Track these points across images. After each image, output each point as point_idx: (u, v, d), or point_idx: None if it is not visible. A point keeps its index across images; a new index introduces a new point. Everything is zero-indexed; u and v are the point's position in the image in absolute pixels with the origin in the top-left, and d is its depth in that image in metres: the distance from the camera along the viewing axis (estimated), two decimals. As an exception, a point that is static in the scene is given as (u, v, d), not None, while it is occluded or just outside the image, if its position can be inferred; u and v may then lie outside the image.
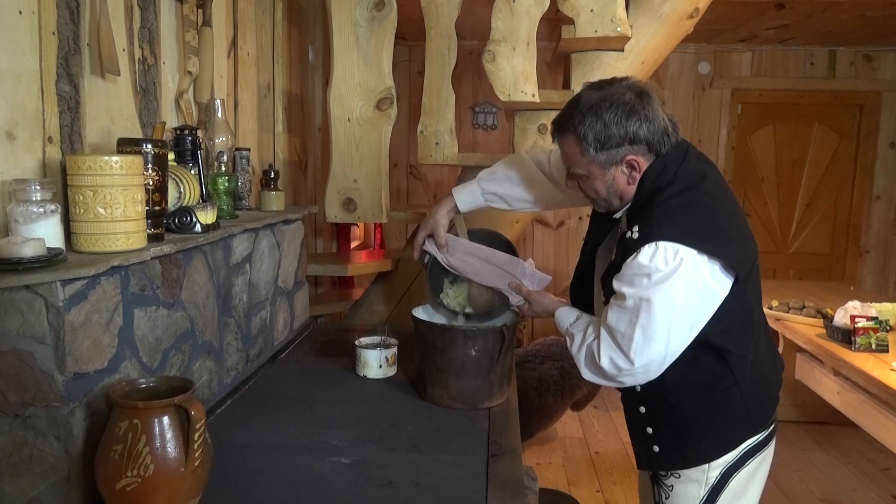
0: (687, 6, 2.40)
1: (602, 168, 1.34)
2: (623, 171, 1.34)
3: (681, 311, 1.25)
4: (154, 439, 1.00)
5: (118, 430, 1.01)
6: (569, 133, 1.35)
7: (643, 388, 1.40)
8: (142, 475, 0.99)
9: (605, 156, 1.32)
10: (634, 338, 1.27)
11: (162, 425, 1.01)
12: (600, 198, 1.40)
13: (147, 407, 1.01)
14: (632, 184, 1.35)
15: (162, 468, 1.00)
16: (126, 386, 1.09)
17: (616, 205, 1.40)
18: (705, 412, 1.37)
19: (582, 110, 1.31)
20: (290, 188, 2.74)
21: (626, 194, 1.37)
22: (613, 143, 1.30)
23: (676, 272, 1.24)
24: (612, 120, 1.29)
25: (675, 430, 1.40)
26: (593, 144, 1.31)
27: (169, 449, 1.01)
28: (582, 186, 1.41)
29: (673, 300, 1.24)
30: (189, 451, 1.02)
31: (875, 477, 3.34)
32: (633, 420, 1.46)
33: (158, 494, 1.01)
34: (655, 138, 1.31)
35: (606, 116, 1.29)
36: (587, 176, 1.37)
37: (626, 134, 1.29)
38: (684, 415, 1.38)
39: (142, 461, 0.99)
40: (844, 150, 4.76)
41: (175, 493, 1.03)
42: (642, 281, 1.26)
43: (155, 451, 1.00)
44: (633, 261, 1.28)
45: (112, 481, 1.00)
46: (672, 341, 1.27)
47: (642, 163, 1.32)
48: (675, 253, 1.24)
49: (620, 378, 1.33)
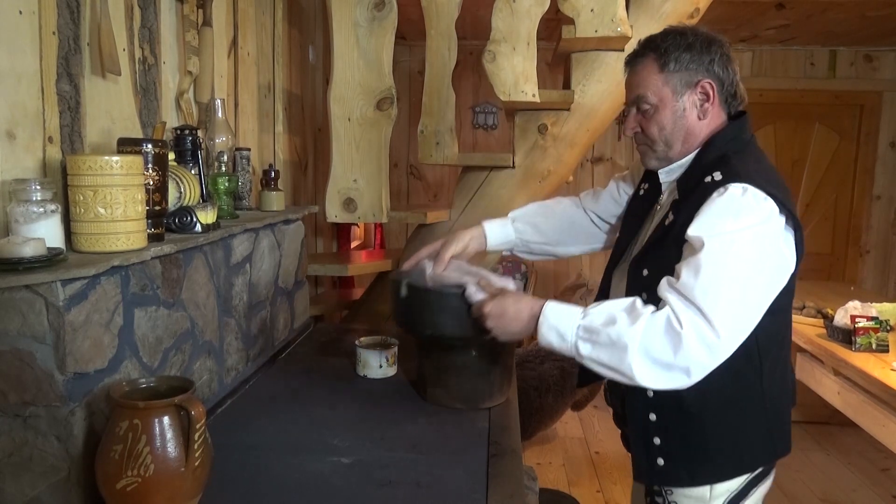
0: (687, 6, 2.40)
1: (675, 93, 1.29)
2: (695, 101, 1.30)
3: (763, 271, 1.14)
4: (154, 439, 1.00)
5: (118, 430, 1.01)
6: (647, 53, 1.31)
7: (657, 393, 1.27)
8: (142, 475, 0.99)
9: (682, 76, 1.28)
10: (721, 293, 1.10)
11: (162, 425, 1.01)
12: (662, 136, 1.32)
13: (147, 407, 1.01)
14: (702, 118, 1.30)
15: (162, 468, 1.00)
16: (126, 386, 1.09)
17: (677, 150, 1.32)
18: (727, 427, 1.27)
19: (665, 32, 1.31)
20: (291, 188, 2.75)
21: (691, 136, 1.31)
22: (693, 63, 1.27)
23: (767, 222, 1.14)
24: (695, 41, 1.28)
25: (688, 444, 1.29)
26: (674, 60, 1.28)
27: (169, 449, 1.01)
28: (645, 126, 1.33)
29: (762, 253, 1.13)
30: (189, 450, 1.02)
31: (875, 477, 3.34)
32: (638, 428, 1.34)
33: (159, 494, 1.01)
34: (727, 82, 1.29)
35: (690, 37, 1.28)
36: (655, 106, 1.30)
37: (706, 59, 1.27)
38: (703, 428, 1.27)
39: (142, 461, 0.99)
40: (845, 150, 4.75)
41: (175, 493, 1.03)
42: (726, 222, 1.14)
43: (155, 450, 1.00)
44: (716, 199, 1.17)
45: (112, 481, 1.00)
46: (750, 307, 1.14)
47: (716, 97, 1.29)
48: (764, 200, 1.15)
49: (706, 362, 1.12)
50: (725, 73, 1.29)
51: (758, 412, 1.28)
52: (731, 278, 1.12)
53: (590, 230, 1.67)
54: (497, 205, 2.52)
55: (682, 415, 1.27)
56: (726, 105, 1.32)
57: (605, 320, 1.16)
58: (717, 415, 1.26)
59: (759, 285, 1.15)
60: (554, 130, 2.46)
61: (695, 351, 1.11)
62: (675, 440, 1.30)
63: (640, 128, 1.35)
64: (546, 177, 2.51)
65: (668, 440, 1.30)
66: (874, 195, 4.73)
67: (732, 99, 1.32)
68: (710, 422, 1.27)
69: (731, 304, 1.12)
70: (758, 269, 1.14)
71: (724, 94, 1.30)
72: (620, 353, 1.14)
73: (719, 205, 1.16)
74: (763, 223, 1.15)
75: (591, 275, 4.83)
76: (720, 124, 1.32)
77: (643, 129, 1.34)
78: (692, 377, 1.13)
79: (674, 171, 1.36)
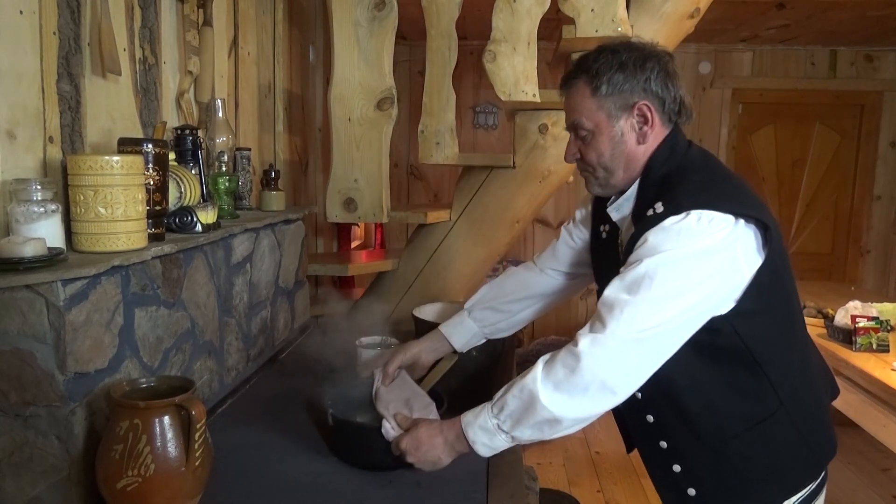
0: (688, 6, 2.40)
1: (610, 117, 1.21)
2: (633, 124, 1.21)
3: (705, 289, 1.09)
4: (155, 439, 1.01)
5: (119, 430, 1.01)
6: (580, 75, 1.23)
7: (657, 418, 1.21)
8: (142, 475, 0.99)
9: (617, 99, 1.20)
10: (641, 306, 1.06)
11: (162, 425, 1.02)
12: (601, 162, 1.24)
13: (148, 407, 1.01)
14: (641, 143, 1.22)
15: (162, 468, 1.01)
16: (127, 386, 1.09)
17: (619, 178, 1.25)
18: (754, 448, 1.19)
19: (598, 50, 1.23)
20: (291, 188, 2.75)
21: (633, 162, 1.23)
22: (627, 84, 1.19)
23: (712, 243, 1.08)
24: (628, 60, 1.19)
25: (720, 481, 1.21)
26: (606, 83, 1.19)
27: (169, 448, 1.01)
28: (583, 153, 1.26)
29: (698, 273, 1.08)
30: (190, 450, 1.02)
31: (875, 477, 3.34)
32: (653, 458, 1.27)
33: (159, 494, 1.01)
34: (670, 98, 1.20)
35: (624, 55, 1.19)
36: (592, 132, 1.23)
37: (642, 77, 1.18)
38: (731, 456, 1.19)
39: (142, 461, 1.00)
40: (845, 149, 4.75)
41: (175, 493, 1.03)
42: (663, 243, 1.09)
43: (155, 450, 1.00)
44: (656, 227, 1.11)
45: (112, 481, 1.00)
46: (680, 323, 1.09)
47: (655, 119, 1.20)
48: (711, 220, 1.08)
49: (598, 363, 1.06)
50: (666, 91, 1.20)
51: (782, 423, 1.19)
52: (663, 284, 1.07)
53: (559, 286, 1.55)
54: (497, 205, 2.52)
55: (702, 448, 1.20)
56: (670, 123, 1.24)
57: (505, 388, 1.15)
58: (740, 440, 1.18)
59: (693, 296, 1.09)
60: (554, 130, 2.46)
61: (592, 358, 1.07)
62: (697, 466, 1.22)
63: (579, 154, 1.28)
64: (546, 177, 2.51)
65: (689, 466, 1.22)
66: (874, 195, 4.73)
67: (677, 116, 1.23)
68: (734, 446, 1.18)
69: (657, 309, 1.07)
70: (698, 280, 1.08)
71: (667, 112, 1.21)
72: (532, 404, 1.09)
73: (654, 234, 1.11)
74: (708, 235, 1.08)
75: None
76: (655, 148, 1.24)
77: (582, 155, 1.27)
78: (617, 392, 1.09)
79: (623, 206, 1.28)
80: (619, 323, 1.07)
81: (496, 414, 1.13)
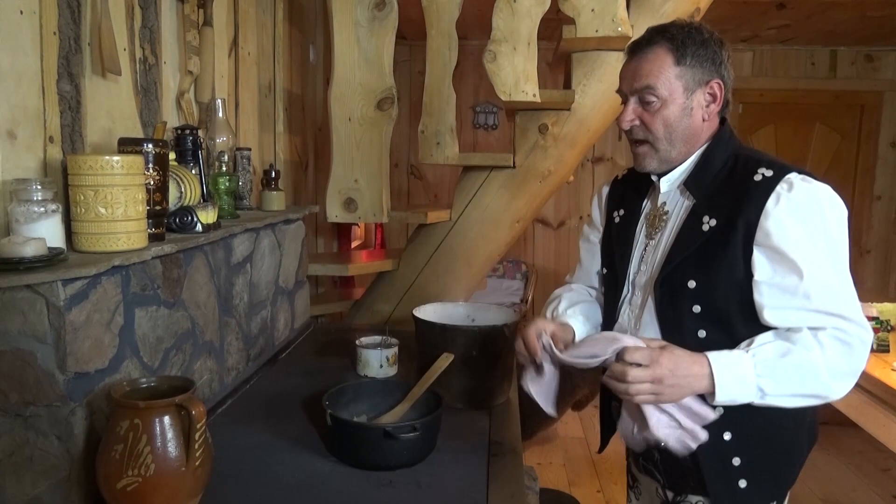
0: (688, 6, 2.40)
1: (686, 89, 1.21)
2: (702, 101, 1.23)
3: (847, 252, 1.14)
4: (155, 439, 1.01)
5: (119, 430, 1.01)
6: (662, 42, 1.22)
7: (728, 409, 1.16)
8: (142, 475, 0.99)
9: (696, 73, 1.21)
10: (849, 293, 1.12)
11: (163, 425, 1.02)
12: (667, 133, 1.23)
13: (148, 406, 1.01)
14: (706, 119, 1.24)
15: (162, 468, 1.01)
16: (127, 385, 1.09)
17: (678, 151, 1.25)
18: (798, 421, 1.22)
19: (679, 24, 1.24)
20: (291, 188, 2.75)
21: (694, 138, 1.24)
22: (707, 61, 1.21)
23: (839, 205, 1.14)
24: (709, 39, 1.22)
25: (773, 454, 1.21)
26: (690, 54, 1.20)
27: (170, 448, 1.01)
28: (647, 121, 1.23)
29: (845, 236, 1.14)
30: (190, 450, 1.02)
31: (875, 477, 3.34)
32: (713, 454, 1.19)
33: (159, 494, 1.01)
34: (729, 87, 1.25)
35: (705, 33, 1.22)
36: (664, 100, 1.21)
37: (718, 59, 1.22)
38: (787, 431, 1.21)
39: (142, 461, 1.00)
40: (845, 149, 4.75)
41: (176, 493, 1.03)
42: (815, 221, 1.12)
43: (156, 450, 1.00)
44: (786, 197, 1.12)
45: (113, 481, 1.00)
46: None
47: (720, 101, 1.24)
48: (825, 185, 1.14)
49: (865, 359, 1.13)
50: (730, 77, 1.25)
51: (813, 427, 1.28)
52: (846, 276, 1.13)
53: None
54: (497, 205, 2.52)
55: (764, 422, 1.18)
56: (722, 110, 1.28)
57: (779, 352, 1.10)
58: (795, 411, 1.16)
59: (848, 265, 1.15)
60: (555, 130, 2.46)
61: (860, 353, 1.11)
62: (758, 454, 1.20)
63: (639, 121, 1.25)
64: (547, 177, 2.51)
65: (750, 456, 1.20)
66: (875, 195, 4.73)
67: (726, 105, 1.28)
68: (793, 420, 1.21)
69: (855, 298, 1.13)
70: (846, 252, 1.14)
71: (725, 98, 1.26)
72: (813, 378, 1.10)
73: (795, 203, 1.12)
74: (839, 207, 1.14)
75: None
76: (716, 128, 1.28)
77: (645, 123, 1.24)
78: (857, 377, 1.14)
79: (673, 177, 1.28)
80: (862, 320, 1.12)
81: (759, 373, 1.09)
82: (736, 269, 1.15)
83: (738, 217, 1.15)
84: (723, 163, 1.23)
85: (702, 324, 1.18)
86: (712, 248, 1.17)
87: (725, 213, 1.17)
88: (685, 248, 1.21)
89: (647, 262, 1.29)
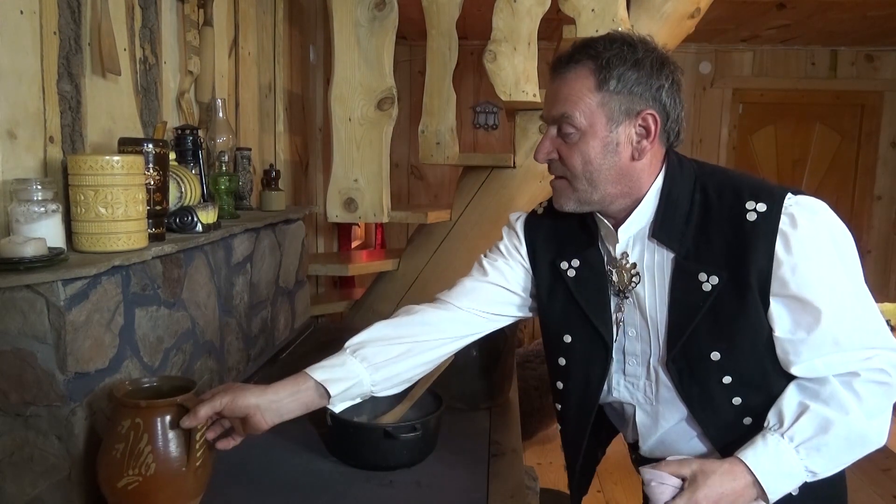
0: (688, 6, 2.40)
1: (609, 120, 1.03)
2: (632, 136, 1.04)
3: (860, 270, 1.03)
4: (156, 438, 1.01)
5: (120, 429, 1.01)
6: (584, 61, 1.03)
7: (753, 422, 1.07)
8: (143, 474, 0.99)
9: (623, 101, 1.02)
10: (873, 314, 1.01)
11: (164, 424, 1.02)
12: (587, 172, 1.05)
13: (149, 406, 1.01)
14: (637, 159, 1.05)
15: (163, 467, 1.01)
16: (129, 385, 1.09)
17: (602, 194, 1.06)
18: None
19: (610, 38, 1.04)
20: (291, 188, 2.75)
21: (623, 178, 1.06)
22: (638, 87, 1.01)
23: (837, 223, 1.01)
24: (645, 59, 1.02)
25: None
26: (615, 78, 1.01)
27: (171, 448, 1.01)
28: (564, 155, 1.06)
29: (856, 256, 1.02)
30: (191, 450, 1.02)
31: (875, 477, 3.34)
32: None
33: (160, 493, 1.01)
34: (673, 117, 1.06)
35: (640, 52, 1.02)
36: (583, 132, 1.04)
37: (655, 83, 1.02)
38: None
39: (143, 460, 1.00)
40: (846, 150, 4.75)
41: (177, 493, 1.03)
42: (824, 244, 0.99)
43: (157, 450, 1.00)
44: (793, 237, 0.98)
45: (114, 480, 1.00)
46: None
47: (656, 134, 1.04)
48: (820, 203, 1.01)
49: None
50: (673, 105, 1.05)
51: None
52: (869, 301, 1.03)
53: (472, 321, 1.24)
54: (498, 205, 2.53)
55: None
56: (665, 144, 1.08)
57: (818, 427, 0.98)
58: None
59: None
60: (555, 130, 2.46)
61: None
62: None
63: (557, 154, 1.08)
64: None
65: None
66: (875, 195, 4.73)
67: (675, 138, 1.08)
68: None
69: (882, 321, 1.03)
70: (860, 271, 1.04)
71: (668, 130, 1.06)
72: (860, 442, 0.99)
73: (805, 241, 0.98)
74: (840, 223, 1.02)
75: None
76: (659, 166, 1.08)
77: (562, 157, 1.07)
78: None
79: (633, 228, 1.10)
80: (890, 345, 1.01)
81: (804, 458, 0.98)
82: (760, 329, 1.02)
83: (744, 270, 1.01)
84: (689, 200, 1.06)
85: (735, 392, 1.05)
86: (726, 311, 1.03)
87: (727, 267, 1.02)
88: (691, 316, 1.05)
89: (636, 329, 1.13)
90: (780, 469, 0.98)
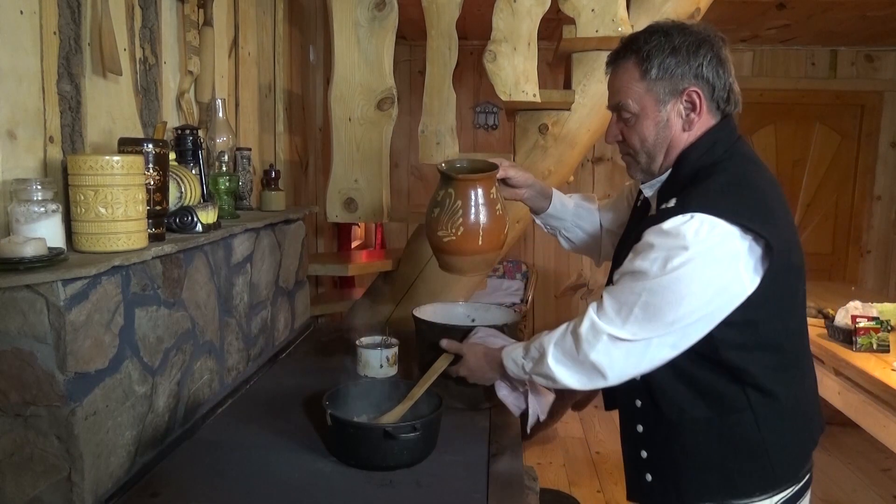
0: (688, 6, 2.40)
1: (658, 102, 1.19)
2: (680, 111, 1.19)
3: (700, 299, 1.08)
4: (469, 203, 1.41)
5: (437, 196, 1.42)
6: (629, 56, 1.21)
7: (644, 405, 1.24)
8: (457, 230, 1.40)
9: (667, 84, 1.18)
10: (633, 311, 1.11)
11: (479, 192, 1.40)
12: (644, 148, 1.23)
13: (463, 179, 1.41)
14: (687, 130, 1.20)
15: (472, 225, 1.40)
16: (444, 164, 1.47)
17: (658, 163, 1.24)
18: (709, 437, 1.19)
19: (650, 31, 1.21)
20: (291, 188, 2.75)
21: (675, 149, 1.22)
22: (678, 70, 1.17)
23: (710, 251, 1.07)
24: (681, 44, 1.16)
25: (672, 456, 1.23)
26: (656, 66, 1.17)
27: (481, 209, 1.41)
28: (626, 136, 1.25)
29: (693, 282, 1.07)
30: (490, 213, 1.40)
31: (876, 477, 3.34)
32: (629, 441, 1.31)
33: (467, 244, 1.41)
34: (719, 87, 1.18)
35: (676, 39, 1.17)
36: (637, 115, 1.21)
37: (694, 64, 1.16)
38: (685, 437, 1.20)
39: (455, 219, 1.40)
40: (846, 150, 4.75)
41: (487, 242, 1.44)
42: (661, 251, 1.09)
43: (468, 212, 1.41)
44: (656, 227, 1.12)
45: (433, 233, 1.44)
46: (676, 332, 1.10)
47: (703, 106, 1.19)
48: (713, 228, 1.07)
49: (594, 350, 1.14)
50: (717, 77, 1.18)
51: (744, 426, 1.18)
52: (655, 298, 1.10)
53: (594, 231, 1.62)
54: (498, 205, 2.52)
55: (664, 423, 1.22)
56: (718, 111, 1.22)
57: (542, 334, 1.26)
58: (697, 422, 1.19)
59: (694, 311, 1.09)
60: (555, 130, 2.46)
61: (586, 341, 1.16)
62: (660, 452, 1.25)
63: (621, 136, 1.27)
64: (547, 177, 2.51)
65: (654, 453, 1.25)
66: (875, 195, 4.73)
67: (726, 103, 1.21)
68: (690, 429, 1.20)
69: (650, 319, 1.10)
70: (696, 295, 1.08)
71: (716, 99, 1.20)
72: (543, 360, 1.23)
73: (656, 234, 1.12)
74: (709, 251, 1.07)
75: (591, 275, 4.83)
76: (698, 136, 1.22)
77: (625, 138, 1.26)
78: (608, 377, 1.17)
79: (655, 185, 1.28)
80: (614, 322, 1.14)
81: (524, 354, 1.29)
82: None
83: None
84: (691, 172, 1.19)
85: None
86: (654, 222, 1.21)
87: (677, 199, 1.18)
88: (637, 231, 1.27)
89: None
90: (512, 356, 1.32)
